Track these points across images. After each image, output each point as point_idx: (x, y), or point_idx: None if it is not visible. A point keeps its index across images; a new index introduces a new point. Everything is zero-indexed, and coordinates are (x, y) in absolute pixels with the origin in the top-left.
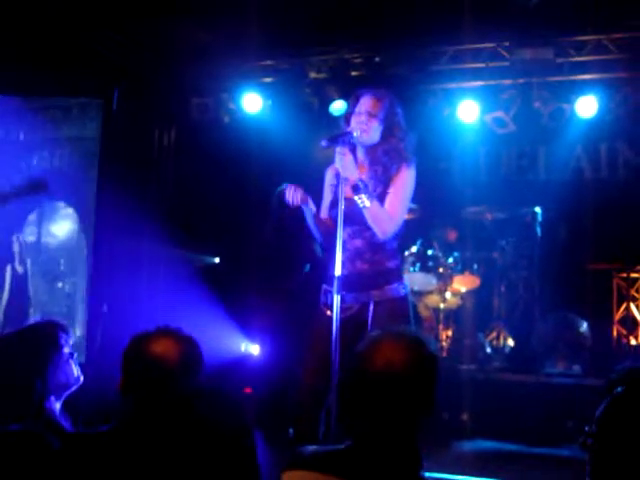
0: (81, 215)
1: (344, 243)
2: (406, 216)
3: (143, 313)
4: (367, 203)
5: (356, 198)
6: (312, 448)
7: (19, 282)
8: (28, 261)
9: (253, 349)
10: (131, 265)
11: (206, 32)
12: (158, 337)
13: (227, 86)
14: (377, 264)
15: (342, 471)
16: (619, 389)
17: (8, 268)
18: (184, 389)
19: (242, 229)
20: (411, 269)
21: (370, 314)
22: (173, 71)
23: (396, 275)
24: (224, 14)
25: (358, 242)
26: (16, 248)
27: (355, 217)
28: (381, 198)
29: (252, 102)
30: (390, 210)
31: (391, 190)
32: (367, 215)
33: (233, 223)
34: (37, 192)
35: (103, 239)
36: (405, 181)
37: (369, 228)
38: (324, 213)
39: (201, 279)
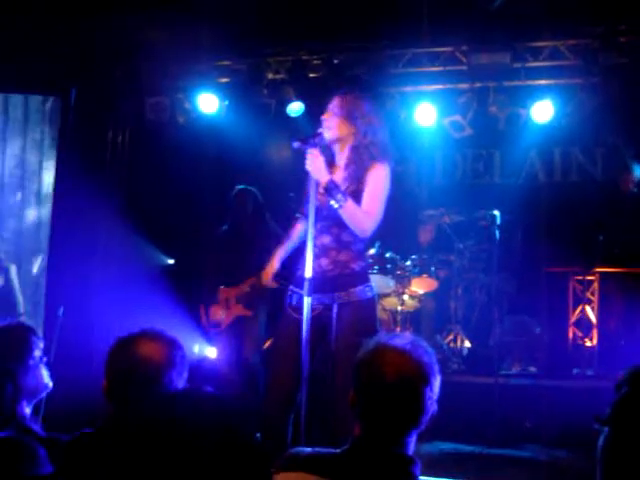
0: None
1: (312, 239)
2: None
3: (97, 314)
4: (341, 203)
5: (329, 200)
6: (308, 450)
7: (1, 298)
8: (12, 268)
9: (209, 352)
10: (85, 265)
11: (162, 31)
12: (144, 339)
13: (183, 86)
14: (342, 265)
15: (339, 475)
16: (624, 389)
17: None
18: (171, 391)
19: (197, 230)
20: (369, 271)
21: (334, 316)
22: (128, 70)
23: (362, 277)
24: (180, 13)
25: (325, 238)
26: None
27: (324, 212)
28: (356, 196)
29: (208, 102)
30: (366, 207)
31: (366, 187)
32: (343, 215)
33: (188, 224)
34: None
35: (58, 237)
36: (379, 177)
37: (337, 224)
38: None
39: (155, 280)
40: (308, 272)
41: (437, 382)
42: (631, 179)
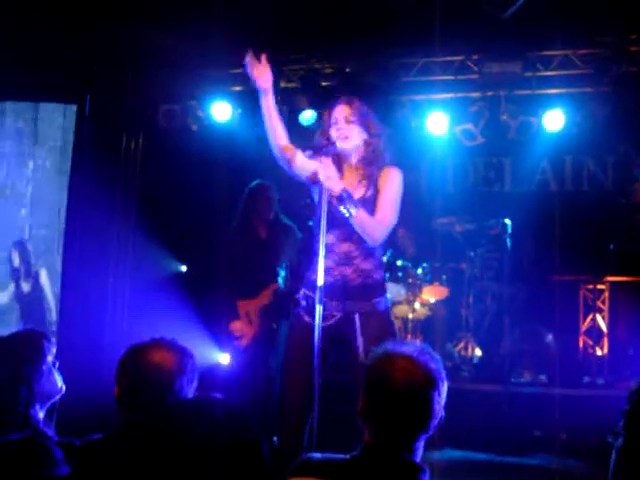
0: None
1: (331, 246)
2: None
3: (109, 320)
4: (353, 212)
5: (341, 208)
6: (319, 456)
7: (30, 305)
8: (43, 273)
9: (222, 358)
10: (98, 272)
11: (176, 39)
12: (155, 347)
13: (196, 94)
14: (365, 275)
15: None
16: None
17: (7, 292)
18: (181, 398)
19: (210, 236)
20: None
21: (357, 327)
22: (142, 77)
23: (382, 288)
24: (194, 21)
25: (346, 246)
26: (16, 261)
27: (342, 219)
28: (373, 200)
29: (221, 110)
30: (380, 215)
31: (380, 195)
32: (354, 224)
33: (200, 231)
34: None
35: (72, 244)
36: (393, 184)
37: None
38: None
39: (168, 286)
40: (320, 280)
41: (444, 387)
42: None
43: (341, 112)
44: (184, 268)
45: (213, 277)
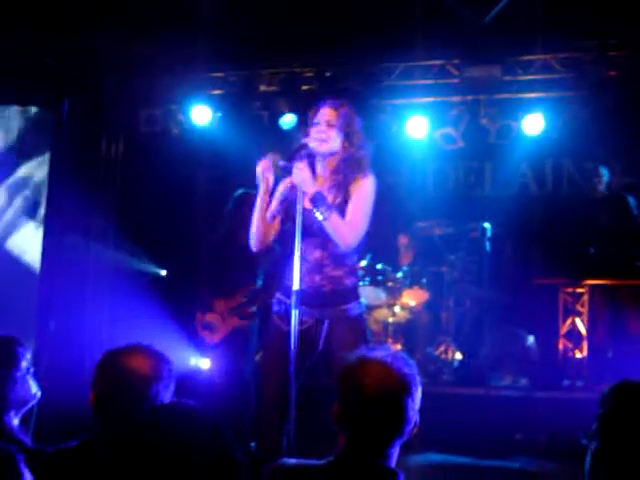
0: None
1: (303, 254)
2: None
3: (89, 326)
4: (326, 214)
5: (315, 211)
6: (293, 462)
7: None
8: None
9: (202, 363)
10: (77, 277)
11: (155, 43)
12: (131, 352)
13: (176, 98)
14: (336, 282)
15: None
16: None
17: None
18: (157, 405)
19: (190, 241)
20: (360, 283)
21: (325, 332)
22: (122, 82)
23: (353, 294)
24: (174, 26)
25: (318, 253)
26: None
27: (315, 228)
28: (342, 208)
29: (201, 114)
30: (350, 221)
31: (351, 200)
32: (327, 227)
33: (181, 235)
34: None
35: (51, 249)
36: (365, 190)
37: (330, 240)
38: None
39: (148, 291)
40: (295, 285)
41: (418, 393)
42: (601, 181)
43: (325, 114)
44: (164, 273)
45: (194, 280)
